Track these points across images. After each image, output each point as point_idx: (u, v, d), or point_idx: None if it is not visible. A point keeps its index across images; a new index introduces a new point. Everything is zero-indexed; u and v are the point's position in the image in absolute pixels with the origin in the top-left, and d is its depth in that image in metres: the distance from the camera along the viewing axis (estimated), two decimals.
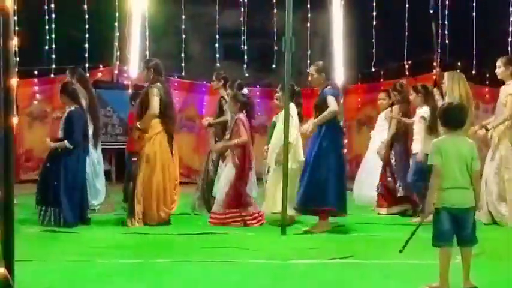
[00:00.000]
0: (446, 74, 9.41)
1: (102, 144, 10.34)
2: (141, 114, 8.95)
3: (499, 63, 9.22)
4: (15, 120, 4.36)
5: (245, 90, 9.60)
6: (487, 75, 13.72)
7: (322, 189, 8.34)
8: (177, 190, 9.12)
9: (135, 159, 9.07)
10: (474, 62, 13.08)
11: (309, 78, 8.90)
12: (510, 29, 12.71)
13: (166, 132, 8.99)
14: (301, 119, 9.48)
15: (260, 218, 9.04)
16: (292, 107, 9.08)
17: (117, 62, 13.36)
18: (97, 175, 10.07)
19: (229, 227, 8.69)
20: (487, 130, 9.15)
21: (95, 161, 9.97)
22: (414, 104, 9.84)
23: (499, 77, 9.27)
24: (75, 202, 8.77)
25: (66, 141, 8.74)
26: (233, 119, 9.20)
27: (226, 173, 9.07)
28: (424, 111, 9.41)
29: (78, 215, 8.80)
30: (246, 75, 13.66)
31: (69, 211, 8.66)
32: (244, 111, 9.19)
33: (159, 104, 8.85)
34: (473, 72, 13.63)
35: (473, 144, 5.44)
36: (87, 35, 13.26)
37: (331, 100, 8.49)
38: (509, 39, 12.79)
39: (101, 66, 14.37)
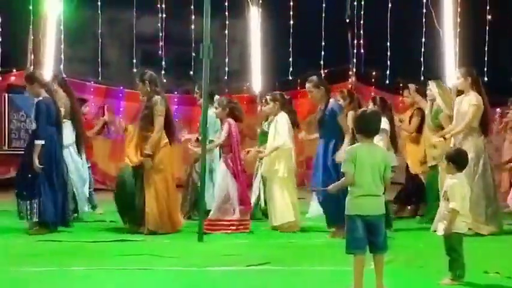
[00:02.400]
0: (431, 83, 9.50)
1: (14, 150, 10.08)
2: (146, 128, 8.75)
3: (458, 74, 9.04)
4: None
5: (216, 97, 9.54)
6: (401, 85, 14.03)
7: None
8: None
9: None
10: (388, 71, 13.34)
11: (309, 96, 8.77)
12: (423, 39, 13.03)
13: (170, 143, 8.91)
14: (297, 125, 9.67)
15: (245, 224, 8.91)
16: (284, 116, 9.15)
17: (31, 66, 13.04)
18: (84, 181, 9.89)
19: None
20: (445, 139, 9.00)
21: (80, 167, 9.75)
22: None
23: (459, 88, 8.98)
24: (53, 198, 8.47)
25: (36, 141, 8.37)
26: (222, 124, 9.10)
27: (220, 180, 8.95)
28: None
29: (57, 214, 8.54)
30: (164, 81, 13.58)
31: (49, 207, 8.42)
32: (231, 117, 9.03)
33: (163, 123, 8.74)
34: (387, 81, 13.91)
35: (387, 152, 5.52)
36: None
37: (343, 121, 8.37)
38: (423, 49, 13.11)
39: (15, 70, 14.04)
